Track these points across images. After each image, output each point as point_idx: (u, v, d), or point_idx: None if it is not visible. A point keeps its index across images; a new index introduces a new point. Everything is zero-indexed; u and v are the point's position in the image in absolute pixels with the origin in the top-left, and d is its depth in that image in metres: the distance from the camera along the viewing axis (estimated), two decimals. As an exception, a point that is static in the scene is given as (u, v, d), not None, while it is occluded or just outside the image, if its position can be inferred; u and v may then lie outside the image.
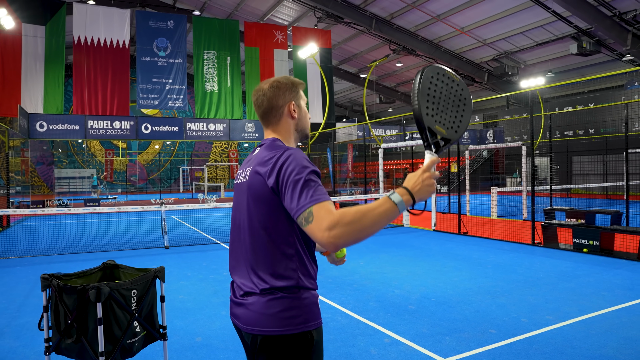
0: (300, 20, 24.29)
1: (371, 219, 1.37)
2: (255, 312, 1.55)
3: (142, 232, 12.32)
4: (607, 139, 21.00)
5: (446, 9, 20.98)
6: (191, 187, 35.47)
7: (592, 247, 8.14)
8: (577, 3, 17.34)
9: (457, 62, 25.54)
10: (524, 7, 19.35)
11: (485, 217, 14.41)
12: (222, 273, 7.19)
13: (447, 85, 1.59)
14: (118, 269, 2.84)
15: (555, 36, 21.43)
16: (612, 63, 22.94)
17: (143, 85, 18.74)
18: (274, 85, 1.73)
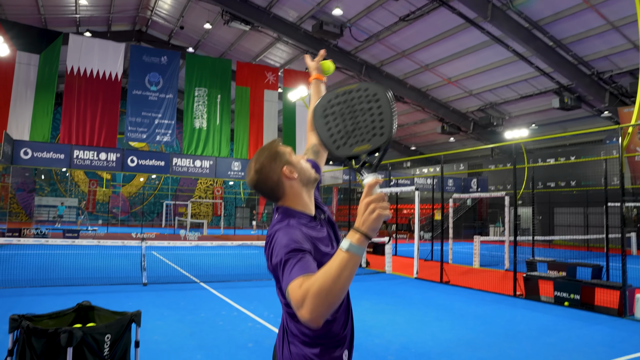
0: (292, 63, 24.83)
1: (333, 279, 1.27)
2: None
3: (121, 266, 12.05)
4: (588, 192, 21.41)
5: (434, 59, 21.66)
6: (174, 223, 35.03)
7: (573, 301, 8.15)
8: (558, 60, 18.06)
9: (443, 111, 26.16)
10: (509, 62, 20.08)
11: (467, 265, 14.40)
12: (200, 314, 7.02)
13: (345, 102, 1.45)
14: (93, 311, 2.76)
15: (538, 90, 22.17)
16: (592, 118, 23.70)
17: (132, 118, 18.80)
18: (259, 169, 1.68)
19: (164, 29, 25.63)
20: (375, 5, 17.96)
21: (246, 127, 20.55)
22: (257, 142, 20.81)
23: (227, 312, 7.24)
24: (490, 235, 26.14)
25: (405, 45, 20.91)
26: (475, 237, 14.60)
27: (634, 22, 15.71)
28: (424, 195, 25.10)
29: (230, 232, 31.67)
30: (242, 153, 20.44)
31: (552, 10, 16.30)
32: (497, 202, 28.90)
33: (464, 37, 19.14)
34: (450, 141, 32.87)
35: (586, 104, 21.69)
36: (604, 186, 11.22)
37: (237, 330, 6.18)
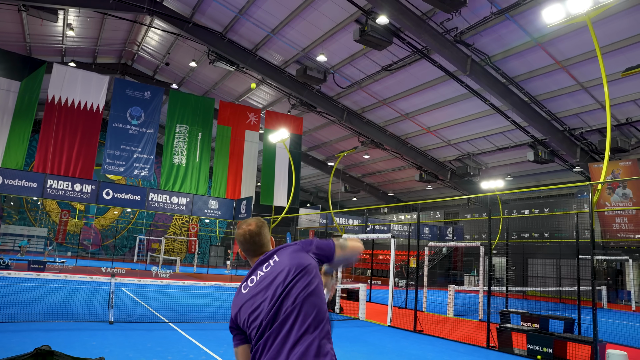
0: (274, 105, 25.16)
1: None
2: None
3: (87, 302, 11.61)
4: (560, 244, 21.78)
5: (414, 108, 22.24)
6: (146, 258, 34.17)
7: (546, 355, 8.13)
8: (533, 115, 18.74)
9: (422, 159, 26.64)
10: (486, 114, 20.74)
11: (441, 314, 14.32)
12: (167, 357, 6.76)
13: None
14: (52, 357, 2.62)
15: (514, 143, 22.84)
16: (564, 172, 24.42)
17: (111, 150, 18.64)
18: (262, 226, 2.25)
19: (150, 64, 25.85)
20: (359, 54, 18.51)
21: (225, 165, 20.54)
22: (236, 181, 20.77)
23: (195, 356, 6.99)
24: (465, 284, 26.17)
25: (387, 93, 21.46)
26: (450, 285, 14.60)
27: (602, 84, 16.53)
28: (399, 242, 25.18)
29: (203, 270, 30.99)
30: (219, 192, 20.32)
31: (527, 68, 17.05)
32: (472, 251, 29.11)
33: (443, 88, 19.77)
34: (428, 189, 33.33)
35: (559, 158, 22.39)
36: (575, 239, 11.45)
37: (204, 375, 5.96)
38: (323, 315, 1.99)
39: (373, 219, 29.12)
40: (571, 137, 20.14)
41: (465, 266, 30.35)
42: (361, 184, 35.13)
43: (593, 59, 15.41)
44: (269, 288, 2.00)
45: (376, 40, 15.15)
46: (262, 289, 2.02)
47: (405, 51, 17.34)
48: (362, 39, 15.00)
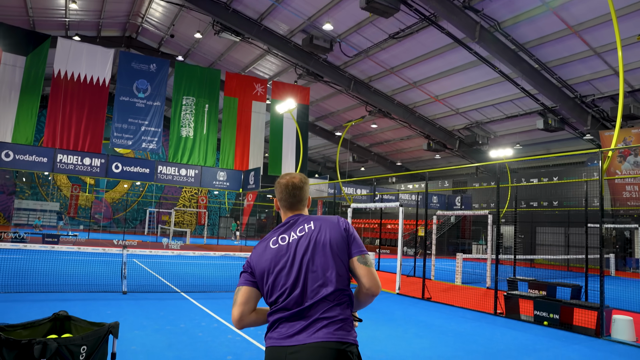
0: (280, 75, 24.93)
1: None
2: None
3: (101, 274, 11.86)
4: (569, 212, 21.73)
5: (422, 77, 21.94)
6: (156, 231, 34.65)
7: (552, 321, 8.23)
8: (543, 82, 18.42)
9: (430, 128, 26.44)
10: (495, 82, 20.42)
11: (449, 282, 14.46)
12: (180, 325, 6.93)
13: None
14: (70, 322, 2.71)
15: (523, 111, 22.55)
16: (574, 140, 24.15)
17: (118, 124, 18.67)
18: (305, 181, 2.27)
19: (154, 36, 25.61)
20: (366, 22, 18.18)
21: (233, 137, 20.53)
22: (244, 153, 20.80)
23: (207, 324, 7.16)
24: (473, 252, 26.33)
25: (394, 62, 21.16)
26: (457, 254, 14.69)
27: (615, 49, 16.15)
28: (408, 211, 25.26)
29: (213, 241, 31.41)
30: (227, 163, 20.38)
31: (538, 34, 16.67)
32: (480, 220, 29.15)
33: (452, 56, 19.44)
34: (436, 158, 33.19)
35: (569, 126, 22.11)
36: (584, 207, 11.41)
37: (216, 342, 6.11)
38: (347, 296, 2.06)
39: (381, 188, 29.16)
40: (582, 105, 19.83)
41: (473, 235, 30.47)
42: (369, 154, 35.04)
43: (606, 23, 15.02)
44: (297, 254, 2.07)
45: (383, 7, 14.83)
46: (292, 253, 2.07)
47: (413, 18, 17.00)
48: (368, 6, 14.69)
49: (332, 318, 1.98)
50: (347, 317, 2.03)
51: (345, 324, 2.00)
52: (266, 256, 2.12)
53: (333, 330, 1.95)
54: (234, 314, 2.08)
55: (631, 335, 7.48)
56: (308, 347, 1.91)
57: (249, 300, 2.09)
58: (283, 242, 2.12)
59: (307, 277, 2.02)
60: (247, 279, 2.13)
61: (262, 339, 6.42)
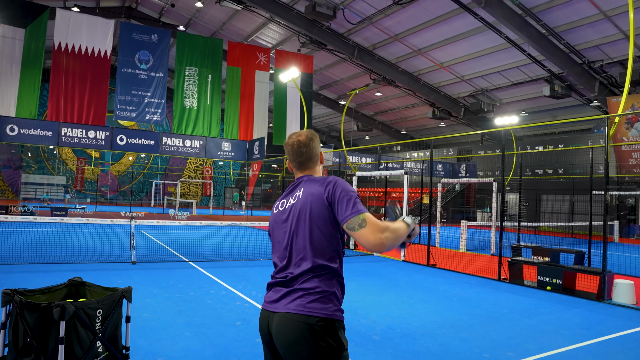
0: (283, 44, 24.61)
1: (400, 232, 1.98)
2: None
3: (109, 245, 12.06)
4: (575, 180, 21.70)
5: (427, 43, 21.61)
6: (162, 202, 34.95)
7: (555, 286, 8.35)
8: (550, 48, 18.11)
9: (435, 96, 26.19)
10: (501, 48, 20.10)
11: (454, 249, 14.61)
12: (189, 293, 7.09)
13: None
14: (84, 287, 2.80)
15: (529, 77, 22.26)
16: (581, 107, 23.89)
17: (122, 96, 18.62)
18: (312, 138, 2.19)
19: (155, 6, 25.20)
20: (369, -12, 17.82)
21: (237, 107, 20.46)
22: (248, 123, 20.76)
23: (216, 291, 7.32)
24: (477, 220, 26.46)
25: (398, 29, 20.81)
26: (462, 221, 14.79)
27: (627, 12, 15.79)
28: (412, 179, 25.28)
29: (219, 212, 31.69)
30: (232, 133, 20.38)
31: (546, -3, 16.31)
32: (485, 188, 29.18)
33: (457, 22, 19.09)
34: (441, 126, 33.00)
35: (576, 93, 21.84)
36: (589, 174, 11.39)
37: (226, 308, 6.26)
38: (328, 269, 2.00)
39: (386, 156, 29.13)
40: (590, 71, 19.53)
41: (478, 203, 30.54)
42: (373, 122, 34.86)
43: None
44: (287, 223, 2.10)
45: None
46: (283, 220, 2.12)
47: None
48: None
49: (309, 290, 1.95)
50: (327, 289, 1.97)
51: (324, 297, 1.95)
52: (271, 220, 2.20)
53: (306, 303, 1.93)
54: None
55: (631, 299, 7.60)
56: (280, 316, 1.94)
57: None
58: (282, 207, 2.16)
59: (292, 248, 2.04)
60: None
61: (270, 305, 6.58)
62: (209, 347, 4.71)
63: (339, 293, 2.03)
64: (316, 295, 1.94)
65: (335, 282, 2.01)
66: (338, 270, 2.03)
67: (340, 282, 2.05)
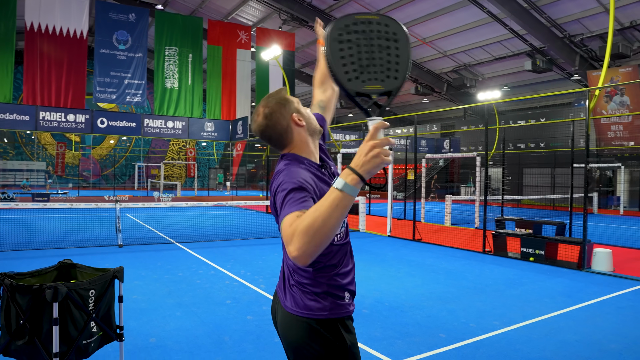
0: (264, 22, 24.24)
1: (323, 217, 1.25)
2: None
3: (95, 229, 11.96)
4: (556, 154, 22.03)
5: (410, 19, 21.47)
6: (146, 185, 34.62)
7: (538, 256, 8.56)
8: (532, 22, 18.16)
9: (417, 72, 26.16)
10: (483, 23, 20.08)
11: (439, 224, 14.81)
12: (177, 274, 7.10)
13: (363, 32, 1.34)
14: (75, 269, 2.79)
15: (511, 52, 22.33)
16: (562, 81, 24.11)
17: (101, 78, 18.23)
18: (268, 114, 1.69)
19: (131, -17, 24.52)
20: (351, -38, 17.57)
21: (219, 87, 20.21)
22: (230, 102, 20.55)
23: (204, 271, 7.34)
24: (461, 195, 26.78)
25: (380, 4, 20.62)
26: (447, 196, 14.96)
27: (606, -16, 15.85)
28: (396, 156, 25.39)
29: (204, 193, 31.55)
30: (214, 113, 20.17)
31: (527, -30, 16.28)
32: (468, 163, 29.46)
33: (439, -4, 18.99)
34: (424, 102, 33.06)
35: (557, 67, 22.01)
36: (570, 147, 11.58)
37: (215, 288, 6.30)
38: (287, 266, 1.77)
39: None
40: (571, 45, 19.66)
41: (461, 178, 30.87)
42: (356, 101, 34.71)
43: (596, -43, 14.66)
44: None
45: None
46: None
47: (399, -43, 16.44)
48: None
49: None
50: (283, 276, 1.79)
51: (283, 284, 1.79)
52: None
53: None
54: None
55: (609, 266, 7.87)
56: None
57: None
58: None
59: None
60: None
61: (257, 282, 6.63)
62: (200, 325, 4.76)
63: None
64: (284, 283, 1.83)
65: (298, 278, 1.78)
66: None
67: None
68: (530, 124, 23.71)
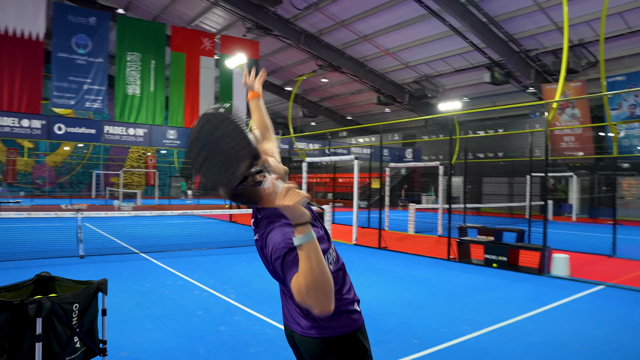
0: (228, 29, 24.11)
1: (310, 274, 1.40)
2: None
3: (53, 239, 11.50)
4: (513, 163, 22.84)
5: (373, 30, 21.86)
6: (105, 193, 33.57)
7: (501, 263, 8.84)
8: (491, 36, 18.85)
9: (380, 82, 26.61)
10: (445, 35, 20.68)
11: (403, 232, 15.06)
12: (144, 284, 6.93)
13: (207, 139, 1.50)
14: (53, 282, 2.69)
15: (471, 64, 23.07)
16: (518, 93, 25.08)
17: (58, 83, 17.62)
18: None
19: (90, -14, 23.88)
20: (316, -27, 17.76)
21: (181, 94, 19.91)
22: (193, 110, 20.27)
23: (172, 282, 7.20)
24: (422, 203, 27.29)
25: (345, 15, 20.91)
26: (410, 205, 15.24)
27: (559, 4, 16.67)
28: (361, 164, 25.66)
29: (165, 202, 30.88)
30: (177, 121, 19.85)
31: (486, -14, 16.91)
32: (429, 172, 30.09)
33: (402, 9, 19.42)
34: (386, 111, 33.62)
35: (514, 79, 22.90)
36: (529, 157, 12.05)
37: (185, 298, 6.19)
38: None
39: (334, 142, 29.35)
40: (526, 59, 20.52)
41: (422, 186, 31.48)
42: (319, 109, 34.97)
43: (550, -24, 15.40)
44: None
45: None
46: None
47: (364, -31, 16.75)
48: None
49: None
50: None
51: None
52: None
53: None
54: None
55: (567, 271, 8.25)
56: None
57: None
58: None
59: None
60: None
61: (227, 292, 6.55)
62: (172, 337, 4.67)
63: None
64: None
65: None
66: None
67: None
68: (489, 134, 24.51)
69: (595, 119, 21.82)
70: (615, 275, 8.36)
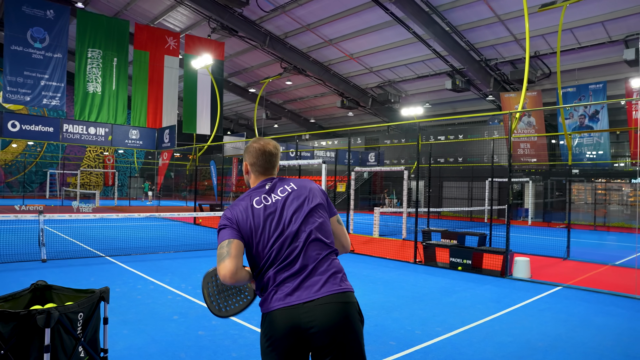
0: (193, 29, 23.79)
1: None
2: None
3: (9, 243, 11.04)
4: (473, 168, 23.59)
5: (338, 34, 22.10)
6: (60, 194, 32.35)
7: (466, 265, 9.17)
8: (453, 45, 19.44)
9: (344, 86, 26.91)
10: (408, 42, 21.15)
11: (367, 235, 15.30)
12: (115, 289, 6.80)
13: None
14: (50, 291, 2.65)
15: (433, 71, 23.69)
16: (478, 101, 25.95)
17: (12, 77, 16.88)
18: (278, 149, 2.34)
19: (47, -21, 23.00)
20: (284, -24, 17.80)
21: (144, 93, 19.49)
22: (156, 110, 19.88)
23: (143, 286, 7.10)
24: (385, 207, 27.75)
25: (311, 18, 21.05)
26: (375, 208, 15.50)
27: (518, 17, 17.42)
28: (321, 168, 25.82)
29: (124, 203, 30.07)
30: (140, 121, 19.41)
31: (450, -3, 17.45)
32: (390, 176, 30.66)
33: (368, 15, 19.74)
34: (349, 115, 34.00)
35: (474, 87, 23.68)
36: (490, 163, 12.53)
37: (158, 303, 6.13)
38: (335, 249, 2.19)
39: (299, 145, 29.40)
40: (486, 68, 21.28)
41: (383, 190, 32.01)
42: (283, 111, 34.97)
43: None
44: (290, 212, 2.12)
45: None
46: (282, 210, 2.12)
47: (332, -25, 16.93)
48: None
49: (330, 270, 2.03)
50: (341, 268, 2.11)
51: (343, 275, 2.08)
52: (255, 214, 2.08)
53: (338, 282, 2.02)
54: (229, 267, 1.93)
55: (528, 273, 8.66)
56: (322, 303, 1.94)
57: (240, 253, 2.00)
58: (268, 202, 2.12)
59: (301, 234, 2.05)
60: (235, 234, 2.03)
61: (201, 296, 6.52)
62: (151, 343, 4.63)
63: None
64: (340, 274, 2.09)
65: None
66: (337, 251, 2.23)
67: None
68: (449, 140, 25.24)
69: (548, 127, 22.86)
70: (571, 277, 8.85)
